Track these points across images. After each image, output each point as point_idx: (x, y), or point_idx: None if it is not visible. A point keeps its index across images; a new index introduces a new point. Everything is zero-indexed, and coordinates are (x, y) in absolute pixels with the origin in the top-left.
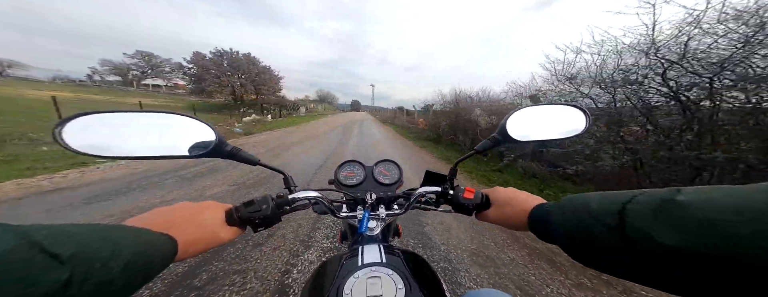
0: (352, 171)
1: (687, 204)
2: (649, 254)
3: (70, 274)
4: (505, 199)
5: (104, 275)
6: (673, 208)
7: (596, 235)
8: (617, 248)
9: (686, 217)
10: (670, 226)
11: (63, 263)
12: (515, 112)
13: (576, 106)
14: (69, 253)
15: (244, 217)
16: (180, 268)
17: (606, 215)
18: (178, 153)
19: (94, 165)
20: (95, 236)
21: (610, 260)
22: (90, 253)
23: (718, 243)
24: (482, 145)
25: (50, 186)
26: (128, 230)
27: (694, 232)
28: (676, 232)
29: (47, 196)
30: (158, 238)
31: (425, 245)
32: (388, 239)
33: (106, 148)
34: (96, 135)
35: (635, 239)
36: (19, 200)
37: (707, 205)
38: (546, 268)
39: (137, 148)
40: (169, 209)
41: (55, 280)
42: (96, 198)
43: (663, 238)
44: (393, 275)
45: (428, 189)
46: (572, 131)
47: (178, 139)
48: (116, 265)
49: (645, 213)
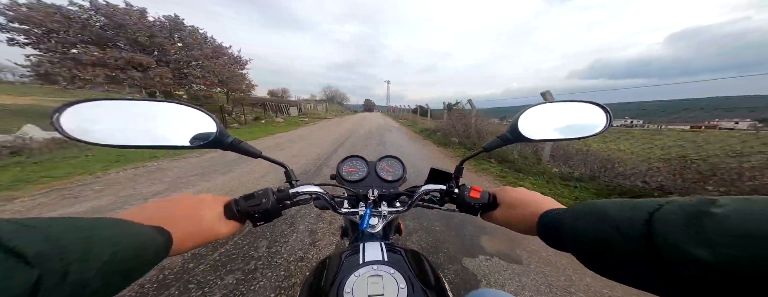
0: (354, 166)
1: (724, 216)
2: (678, 267)
3: (40, 275)
4: (513, 201)
5: (82, 274)
6: (709, 219)
7: (617, 244)
8: (641, 259)
9: (724, 230)
10: (705, 239)
11: (30, 263)
12: (528, 110)
13: (595, 103)
14: (36, 250)
15: (244, 210)
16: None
17: (630, 224)
18: (178, 143)
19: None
20: (68, 231)
21: (631, 271)
22: (62, 251)
23: (760, 258)
24: (491, 143)
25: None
26: (111, 223)
27: (732, 246)
28: (713, 246)
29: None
30: (148, 232)
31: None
32: (389, 237)
33: (104, 136)
34: (95, 122)
35: (663, 251)
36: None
37: (747, 217)
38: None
39: (137, 137)
40: (166, 201)
41: (22, 283)
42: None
43: (696, 251)
44: (395, 274)
45: (432, 187)
46: (590, 130)
47: (177, 128)
48: (96, 263)
49: (676, 224)
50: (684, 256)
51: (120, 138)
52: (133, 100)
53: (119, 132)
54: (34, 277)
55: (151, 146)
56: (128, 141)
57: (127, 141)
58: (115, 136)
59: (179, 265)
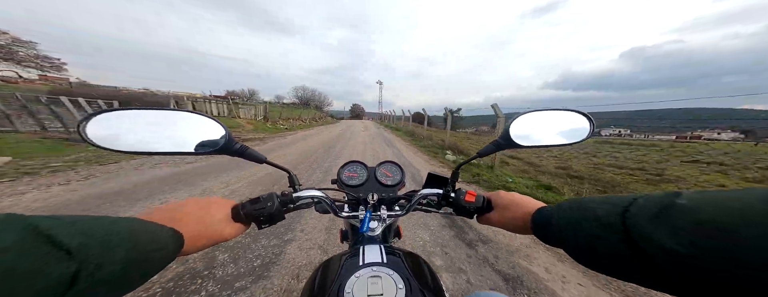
0: (354, 171)
1: (687, 207)
2: (653, 257)
3: (79, 266)
4: (506, 203)
5: (112, 267)
6: (674, 211)
7: (599, 238)
8: (621, 252)
9: (687, 220)
10: (671, 229)
11: (71, 254)
12: (519, 117)
13: (580, 112)
14: (76, 243)
15: (250, 214)
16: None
17: (608, 219)
18: (188, 149)
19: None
20: (103, 228)
21: (614, 264)
22: (98, 245)
23: (719, 245)
24: (485, 149)
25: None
26: (136, 222)
27: (694, 235)
28: (678, 235)
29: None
30: (166, 232)
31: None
32: (388, 240)
33: (123, 143)
34: (115, 131)
35: (639, 243)
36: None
37: (708, 208)
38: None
39: (150, 145)
40: (177, 205)
41: (63, 272)
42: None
43: (665, 241)
44: (393, 275)
45: (430, 191)
46: (576, 136)
47: (187, 135)
48: (125, 258)
49: (646, 216)
50: (656, 246)
51: (138, 145)
52: (149, 109)
53: (134, 140)
54: (73, 268)
55: (162, 153)
56: (142, 148)
57: (141, 148)
58: (130, 144)
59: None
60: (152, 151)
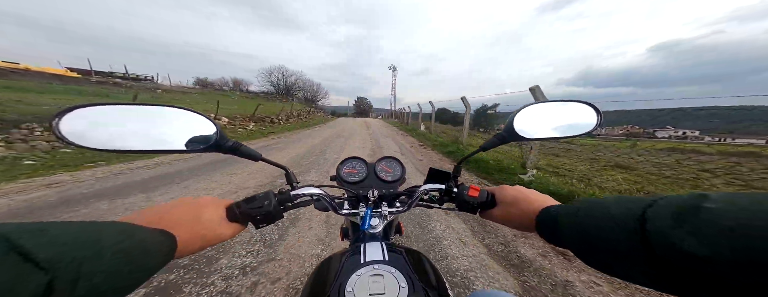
0: (354, 168)
1: (714, 210)
2: (670, 261)
3: (51, 279)
4: (511, 199)
5: (92, 279)
6: (700, 214)
7: (614, 240)
8: (635, 254)
9: (713, 224)
10: (695, 233)
11: (41, 267)
12: (523, 109)
13: (587, 103)
14: (49, 255)
15: (246, 213)
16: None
17: (624, 221)
18: (177, 147)
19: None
20: (78, 236)
21: (626, 266)
22: (73, 255)
23: (748, 250)
24: (488, 142)
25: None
26: (117, 227)
27: (721, 240)
28: (701, 239)
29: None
30: (154, 236)
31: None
32: (390, 237)
33: (103, 141)
34: (94, 127)
35: (654, 245)
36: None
37: (737, 212)
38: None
39: (135, 142)
40: (169, 205)
41: (34, 287)
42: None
43: (685, 244)
44: (395, 273)
45: (432, 186)
46: (582, 129)
47: (176, 132)
48: (105, 267)
49: (666, 218)
50: (674, 250)
51: (118, 143)
52: (130, 104)
53: (118, 137)
54: (45, 282)
55: (149, 151)
56: (127, 146)
57: (124, 146)
58: (112, 142)
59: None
60: (136, 150)
